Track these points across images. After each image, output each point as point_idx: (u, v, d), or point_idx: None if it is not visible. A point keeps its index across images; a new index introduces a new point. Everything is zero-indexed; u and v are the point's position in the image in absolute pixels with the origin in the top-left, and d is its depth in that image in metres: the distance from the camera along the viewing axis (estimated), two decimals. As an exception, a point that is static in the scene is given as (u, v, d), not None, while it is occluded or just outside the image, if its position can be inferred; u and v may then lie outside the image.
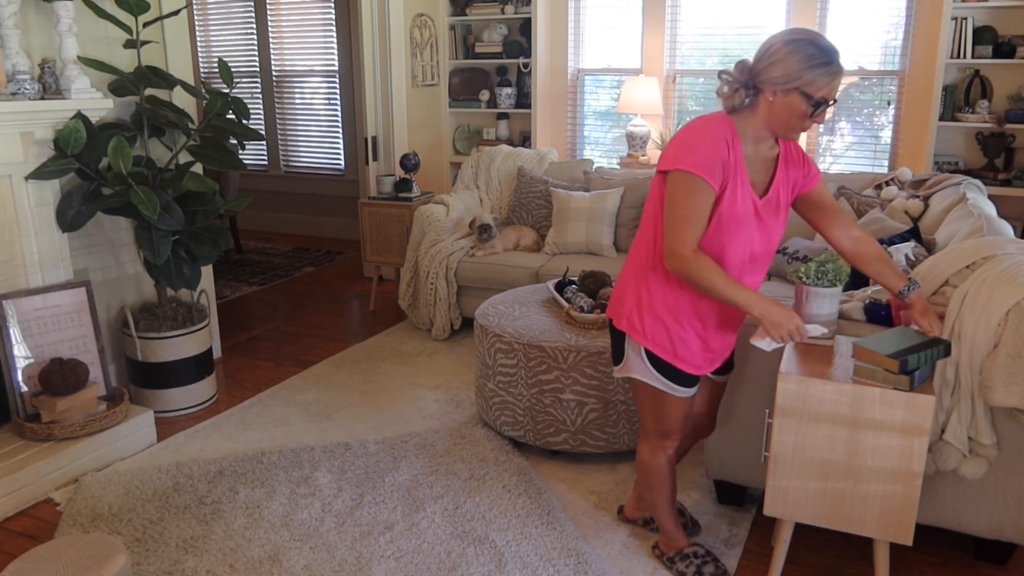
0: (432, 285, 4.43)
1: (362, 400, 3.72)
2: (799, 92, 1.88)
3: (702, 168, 1.89)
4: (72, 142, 3.09)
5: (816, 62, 1.85)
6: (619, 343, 2.21)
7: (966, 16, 4.20)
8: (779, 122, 1.94)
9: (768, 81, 1.90)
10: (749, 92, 1.95)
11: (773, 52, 1.90)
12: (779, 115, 1.93)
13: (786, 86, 1.88)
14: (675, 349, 2.10)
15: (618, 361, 2.23)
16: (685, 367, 2.12)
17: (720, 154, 1.91)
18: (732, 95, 1.97)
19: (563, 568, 2.42)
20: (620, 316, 2.17)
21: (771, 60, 1.89)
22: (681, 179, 1.92)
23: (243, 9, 7.16)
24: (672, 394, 2.16)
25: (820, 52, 1.86)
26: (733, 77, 1.97)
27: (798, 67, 1.86)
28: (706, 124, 1.96)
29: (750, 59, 1.97)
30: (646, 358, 2.13)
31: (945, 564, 2.46)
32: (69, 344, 3.23)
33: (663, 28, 5.10)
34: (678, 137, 1.98)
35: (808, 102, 1.88)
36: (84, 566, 1.94)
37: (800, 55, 1.86)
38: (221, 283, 5.77)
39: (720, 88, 2.00)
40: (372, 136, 5.55)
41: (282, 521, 2.70)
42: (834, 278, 2.14)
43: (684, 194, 1.91)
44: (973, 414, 2.16)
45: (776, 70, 1.88)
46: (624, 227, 4.47)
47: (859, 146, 4.86)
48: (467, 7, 5.43)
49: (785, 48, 1.88)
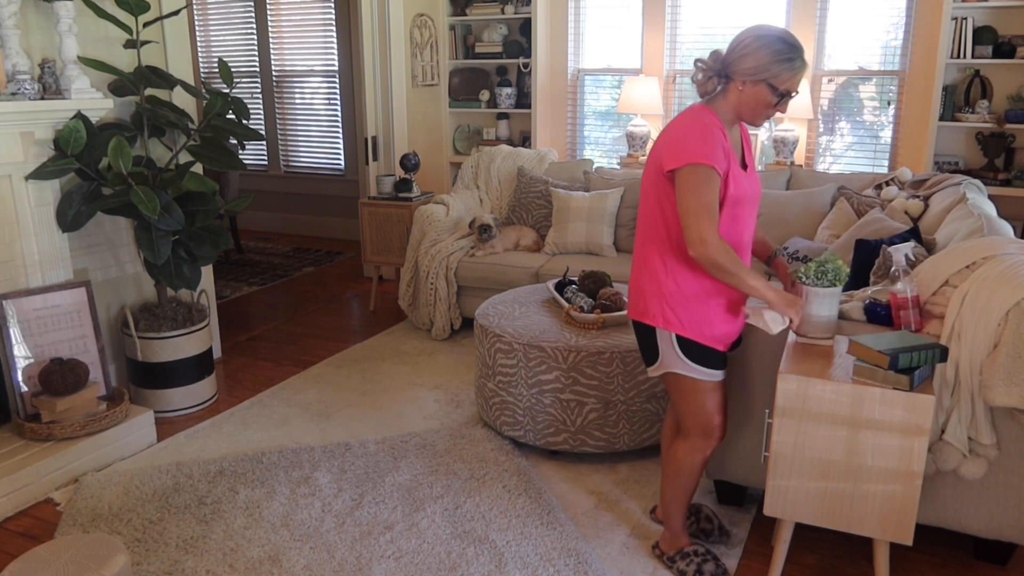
0: (432, 285, 4.43)
1: (362, 400, 3.72)
2: (766, 83, 2.04)
3: (708, 157, 2.01)
4: (72, 142, 3.09)
5: (783, 57, 2.02)
6: (649, 342, 2.25)
7: (966, 16, 4.20)
8: (746, 110, 2.09)
9: (739, 71, 2.06)
10: (721, 80, 2.10)
11: (745, 45, 2.05)
12: (747, 103, 2.08)
13: (755, 77, 2.04)
14: (702, 330, 2.18)
15: (652, 361, 2.27)
16: (715, 344, 2.20)
17: (719, 141, 2.06)
18: (706, 82, 2.13)
19: (563, 568, 2.42)
20: (646, 313, 2.22)
21: (742, 52, 2.05)
22: (692, 171, 2.02)
23: (243, 9, 7.16)
24: (708, 380, 2.22)
25: (787, 48, 2.02)
26: (708, 65, 2.12)
27: (767, 60, 2.02)
28: (696, 118, 2.09)
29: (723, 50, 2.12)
30: (678, 348, 2.19)
31: (945, 564, 2.46)
32: (69, 344, 3.23)
33: (663, 28, 5.10)
34: (672, 135, 2.10)
35: (774, 93, 2.04)
36: (84, 566, 1.94)
37: (769, 49, 2.02)
38: (221, 283, 5.77)
39: (695, 75, 2.17)
40: (372, 136, 5.56)
41: (282, 521, 2.70)
42: (834, 278, 2.14)
43: (697, 184, 2.01)
44: (973, 414, 2.16)
45: (747, 62, 2.04)
46: (624, 227, 4.47)
47: (859, 146, 4.86)
48: (467, 7, 5.43)
49: (756, 42, 2.03)
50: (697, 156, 2.01)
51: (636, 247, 2.26)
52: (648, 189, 2.17)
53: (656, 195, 2.14)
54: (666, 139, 2.10)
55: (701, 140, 2.02)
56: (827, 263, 2.17)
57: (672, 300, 2.16)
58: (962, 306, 2.16)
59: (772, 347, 2.39)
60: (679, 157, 2.03)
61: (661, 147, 2.10)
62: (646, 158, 5.00)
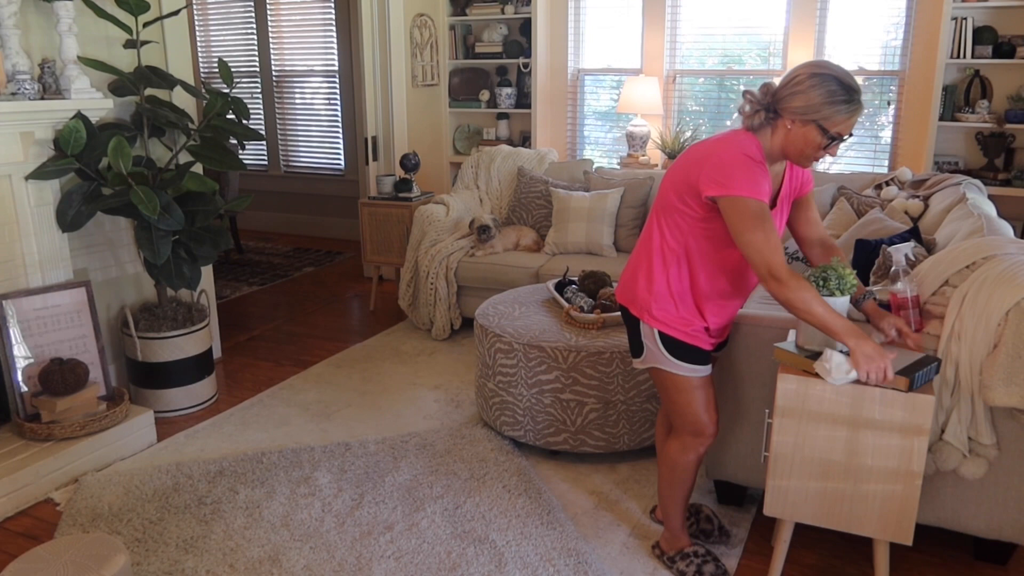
0: (432, 285, 4.43)
1: (362, 400, 3.72)
2: (816, 125, 1.93)
3: (755, 191, 1.95)
4: (72, 142, 3.09)
5: (837, 99, 1.91)
6: (636, 334, 2.26)
7: (966, 16, 4.20)
8: (793, 150, 2.00)
9: (788, 109, 1.96)
10: (769, 115, 2.01)
11: (798, 82, 1.94)
12: (795, 143, 1.98)
13: (805, 117, 1.94)
14: (686, 328, 2.17)
15: (638, 353, 2.27)
16: (699, 342, 2.18)
17: (763, 172, 1.98)
18: (752, 115, 2.03)
19: (563, 568, 2.42)
20: (633, 302, 2.23)
21: (794, 90, 1.94)
22: (744, 205, 1.95)
23: (243, 9, 7.16)
24: (693, 376, 2.21)
25: (842, 89, 1.91)
26: (756, 99, 2.02)
27: (819, 101, 1.91)
28: (740, 147, 1.99)
29: (775, 83, 2.02)
30: (661, 345, 2.19)
31: (945, 564, 2.46)
32: (69, 344, 3.23)
33: (663, 28, 5.10)
34: (713, 157, 2.01)
35: (824, 135, 1.94)
36: (84, 566, 1.94)
37: (822, 89, 1.91)
38: (221, 283, 5.77)
39: (742, 106, 2.06)
40: (372, 136, 5.55)
41: (282, 521, 2.70)
42: (836, 287, 2.01)
43: (753, 220, 1.94)
44: (973, 414, 2.16)
45: (798, 100, 1.93)
46: (624, 227, 4.47)
47: (859, 146, 4.86)
48: (467, 7, 5.43)
49: (809, 81, 1.92)
50: (744, 189, 1.94)
51: (642, 235, 2.25)
52: (668, 192, 2.11)
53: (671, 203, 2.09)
54: (705, 158, 2.01)
55: (746, 172, 1.95)
56: (828, 270, 2.03)
57: (660, 299, 2.16)
58: (962, 306, 2.15)
59: (767, 347, 2.39)
60: (724, 186, 1.96)
61: (698, 164, 2.02)
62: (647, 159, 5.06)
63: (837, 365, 1.95)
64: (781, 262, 1.94)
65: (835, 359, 1.95)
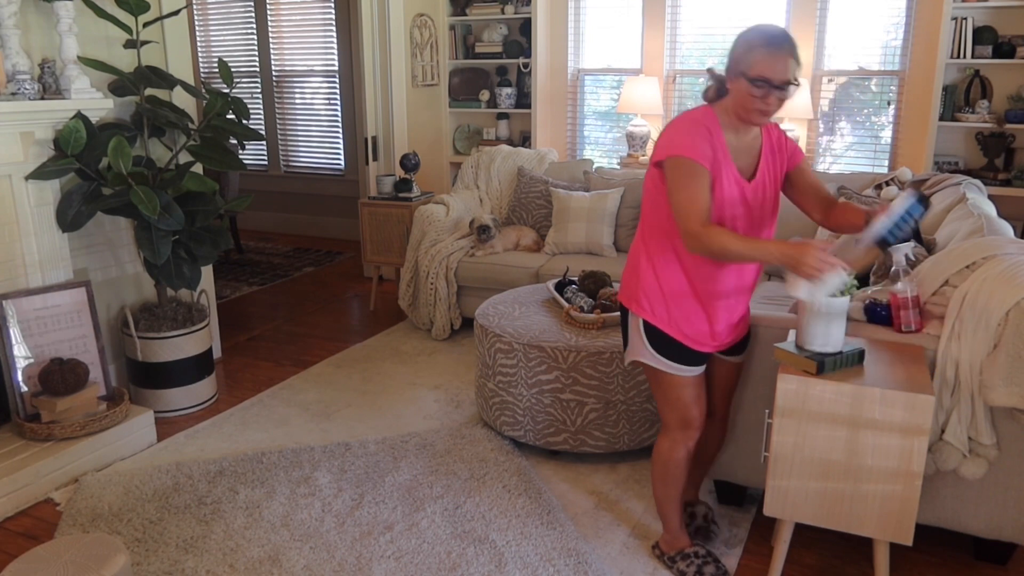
0: (432, 285, 4.43)
1: (362, 400, 3.72)
2: (743, 76, 1.99)
3: (690, 150, 2.01)
4: (72, 142, 3.09)
5: (754, 44, 1.99)
6: (626, 326, 2.28)
7: (966, 16, 4.20)
8: (738, 107, 2.05)
9: (727, 72, 2.06)
10: (722, 88, 2.10)
11: (731, 47, 2.07)
12: (736, 101, 2.04)
13: (734, 72, 2.03)
14: (672, 321, 2.17)
15: (626, 346, 2.29)
16: (685, 340, 2.18)
17: (705, 138, 2.03)
18: (708, 90, 2.16)
19: (563, 568, 2.42)
20: (623, 294, 2.27)
21: (728, 53, 2.07)
22: (676, 164, 2.02)
23: (243, 9, 7.16)
24: (676, 374, 2.21)
25: (760, 36, 2.00)
26: (712, 74, 2.15)
27: (740, 52, 2.02)
28: (688, 116, 2.10)
29: None
30: (645, 337, 2.20)
31: (945, 564, 2.46)
32: (69, 344, 3.23)
33: (663, 28, 5.10)
34: (665, 131, 2.12)
35: (752, 84, 1.97)
36: (84, 566, 1.94)
37: (741, 41, 2.02)
38: (221, 283, 5.77)
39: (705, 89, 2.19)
40: (372, 136, 5.55)
41: (282, 521, 2.70)
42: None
43: (682, 176, 2.01)
44: (973, 414, 2.16)
45: (729, 60, 2.05)
46: (624, 227, 4.47)
47: (859, 146, 4.86)
48: (467, 7, 5.43)
49: (736, 41, 2.05)
50: (679, 149, 2.01)
51: (636, 234, 2.29)
52: (647, 181, 2.19)
53: (649, 188, 2.17)
54: (662, 134, 2.12)
55: (685, 134, 2.03)
56: None
57: (650, 292, 2.18)
58: (962, 306, 2.16)
59: (767, 346, 2.39)
60: (663, 149, 2.05)
61: (657, 142, 2.13)
62: (647, 158, 5.06)
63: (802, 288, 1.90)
64: (699, 217, 1.97)
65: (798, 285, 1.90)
